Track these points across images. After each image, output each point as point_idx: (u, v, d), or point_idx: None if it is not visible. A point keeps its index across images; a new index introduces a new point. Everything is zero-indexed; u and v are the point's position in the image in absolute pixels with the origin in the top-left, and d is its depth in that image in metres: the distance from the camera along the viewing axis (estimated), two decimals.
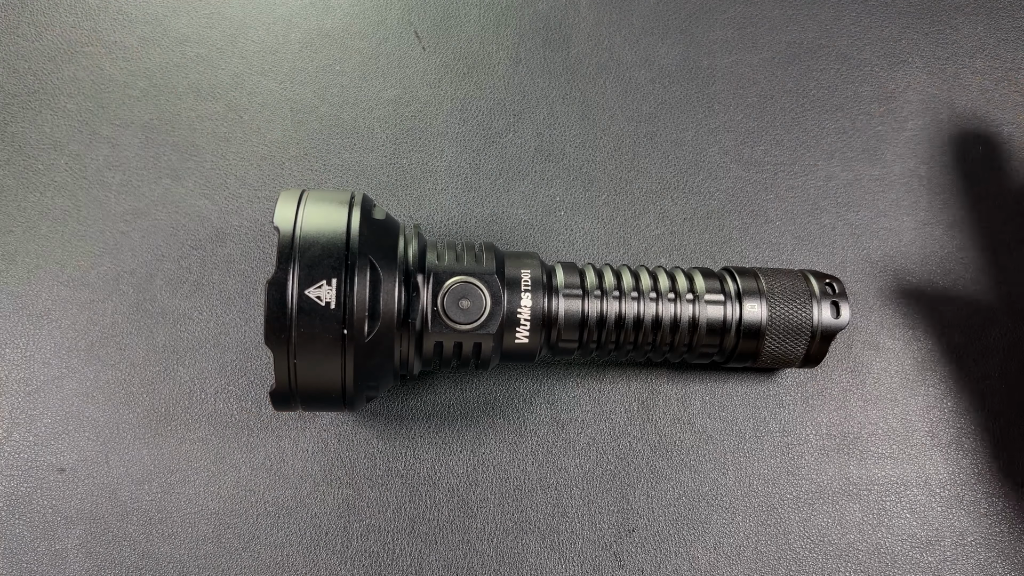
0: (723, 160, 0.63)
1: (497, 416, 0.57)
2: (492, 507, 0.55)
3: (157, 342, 0.57)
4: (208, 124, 0.61)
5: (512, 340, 0.49)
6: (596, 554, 0.55)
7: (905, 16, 0.67)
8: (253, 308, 0.58)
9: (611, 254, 0.60)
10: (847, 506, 0.56)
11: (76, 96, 0.61)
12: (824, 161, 0.63)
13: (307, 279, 0.44)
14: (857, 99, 0.65)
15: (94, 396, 0.55)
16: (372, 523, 0.54)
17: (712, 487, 0.56)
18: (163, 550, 0.53)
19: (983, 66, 0.66)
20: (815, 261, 0.61)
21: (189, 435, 0.55)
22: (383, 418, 0.56)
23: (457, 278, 0.47)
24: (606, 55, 0.65)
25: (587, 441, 0.57)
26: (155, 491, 0.54)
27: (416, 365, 0.49)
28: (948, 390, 0.59)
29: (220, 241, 0.59)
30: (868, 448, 0.57)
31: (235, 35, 0.64)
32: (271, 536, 0.54)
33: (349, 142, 0.62)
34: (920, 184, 0.63)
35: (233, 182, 0.60)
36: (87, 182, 0.59)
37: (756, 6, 0.67)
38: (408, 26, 0.65)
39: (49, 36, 0.63)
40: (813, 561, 0.55)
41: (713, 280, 0.53)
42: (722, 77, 0.65)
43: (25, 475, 0.54)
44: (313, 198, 0.48)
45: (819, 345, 0.53)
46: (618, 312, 0.51)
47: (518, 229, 0.61)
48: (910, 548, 0.56)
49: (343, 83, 0.63)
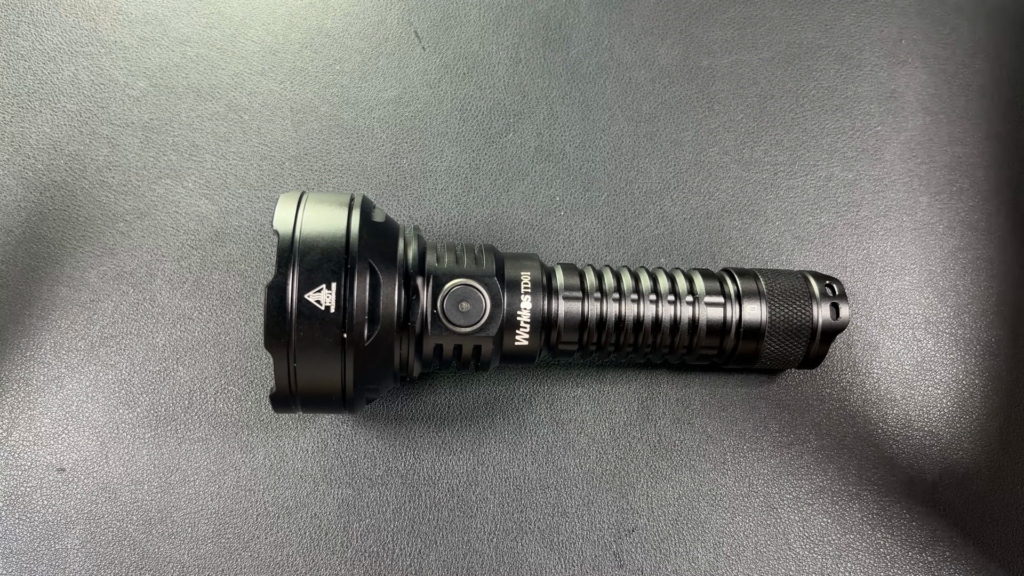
0: (723, 160, 0.63)
1: (497, 416, 0.57)
2: (492, 507, 0.55)
3: (157, 342, 0.57)
4: (208, 124, 0.61)
5: (512, 342, 0.49)
6: (596, 554, 0.55)
7: (905, 16, 0.67)
8: (253, 308, 0.58)
9: (611, 254, 0.60)
10: (847, 506, 0.56)
11: (76, 96, 0.61)
12: (824, 161, 0.63)
13: (307, 283, 0.44)
14: (857, 99, 0.65)
15: (94, 396, 0.55)
16: (372, 523, 0.54)
17: (712, 487, 0.56)
18: (163, 550, 0.53)
19: (983, 66, 0.66)
20: (815, 261, 0.61)
21: (189, 435, 0.55)
22: (383, 419, 0.56)
23: (457, 281, 0.47)
24: (606, 55, 0.65)
25: (587, 441, 0.57)
26: (155, 491, 0.54)
27: (416, 367, 0.49)
28: (948, 390, 0.59)
29: (220, 241, 0.59)
30: (868, 448, 0.57)
31: (235, 35, 0.64)
32: (271, 536, 0.54)
33: (349, 142, 0.62)
34: (920, 184, 0.63)
35: (233, 182, 0.60)
36: (87, 182, 0.59)
37: (756, 6, 0.67)
38: (408, 26, 0.65)
39: (49, 36, 0.63)
40: (813, 561, 0.55)
41: (713, 281, 0.53)
42: (722, 77, 0.65)
43: (25, 475, 0.54)
44: (312, 200, 0.48)
45: (819, 346, 0.53)
46: (618, 314, 0.51)
47: (518, 229, 0.61)
48: (910, 548, 0.56)
49: (343, 83, 0.63)
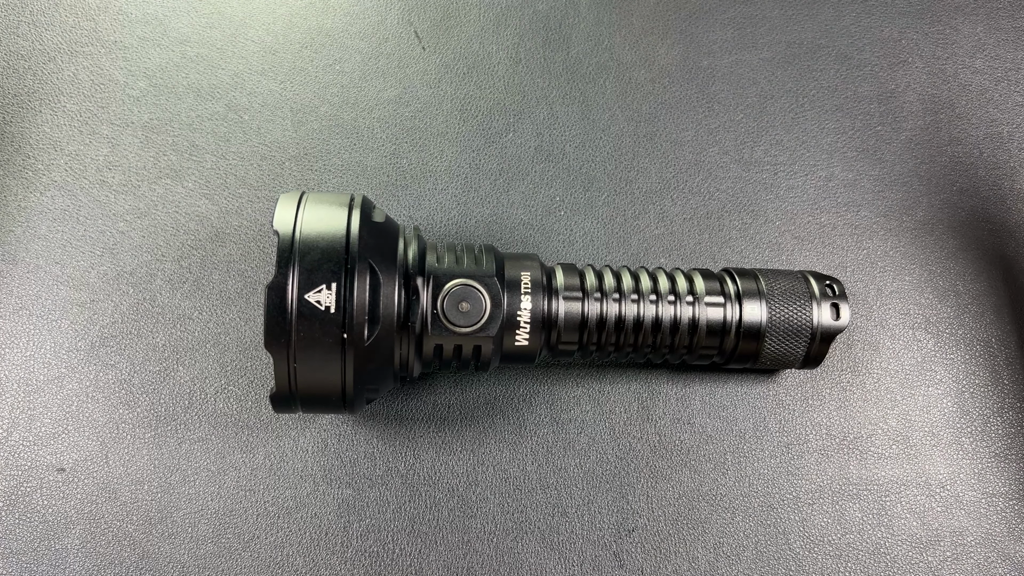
0: (723, 160, 0.63)
1: (497, 416, 0.57)
2: (492, 507, 0.55)
3: (157, 342, 0.57)
4: (208, 124, 0.61)
5: (512, 342, 0.49)
6: (596, 554, 0.55)
7: (905, 16, 0.67)
8: (253, 308, 0.58)
9: (611, 254, 0.60)
10: (847, 506, 0.56)
11: (76, 96, 0.61)
12: (824, 161, 0.63)
13: (307, 283, 0.44)
14: (857, 99, 0.65)
15: (94, 396, 0.55)
16: (372, 523, 0.54)
17: (712, 487, 0.56)
18: (163, 550, 0.53)
19: (983, 66, 0.66)
20: (815, 261, 0.61)
21: (189, 435, 0.55)
22: (383, 419, 0.56)
23: (457, 281, 0.47)
24: (606, 55, 0.65)
25: (587, 441, 0.57)
26: (155, 491, 0.54)
27: (416, 367, 0.49)
28: (948, 390, 0.59)
29: (220, 241, 0.59)
30: (868, 448, 0.57)
31: (235, 35, 0.64)
32: (271, 536, 0.54)
33: (349, 142, 0.62)
34: (920, 184, 0.63)
35: (233, 182, 0.60)
36: (87, 182, 0.59)
37: (756, 6, 0.67)
38: (408, 26, 0.65)
39: (49, 36, 0.63)
40: (813, 561, 0.55)
41: (713, 281, 0.53)
42: (722, 77, 0.65)
43: (25, 475, 0.54)
44: (312, 201, 0.48)
45: (819, 346, 0.53)
46: (618, 314, 0.51)
47: (518, 229, 0.61)
48: (910, 548, 0.56)
49: (343, 83, 0.63)
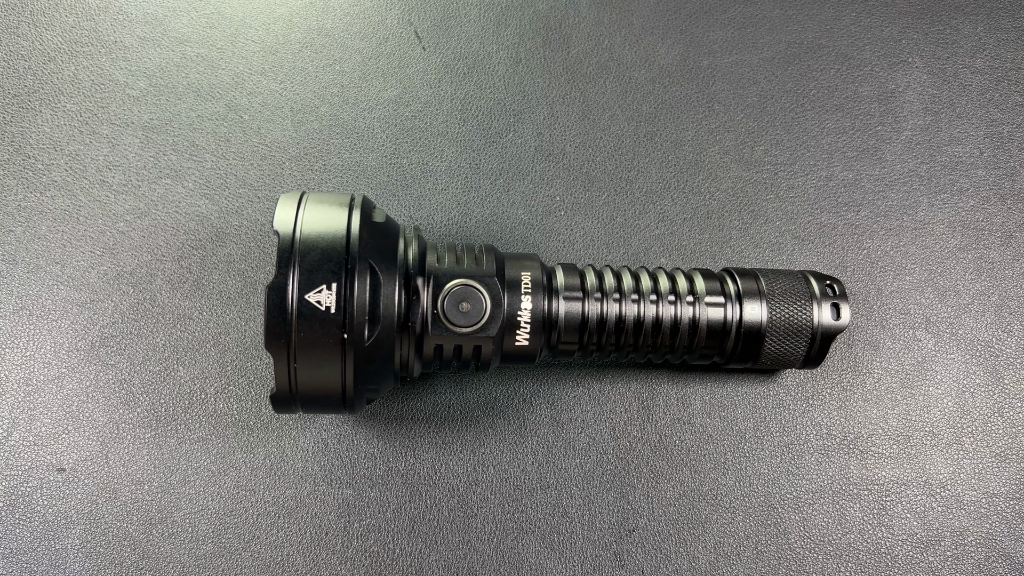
0: (723, 160, 0.63)
1: (497, 416, 0.57)
2: (492, 507, 0.55)
3: (157, 342, 0.57)
4: (208, 124, 0.61)
5: (512, 342, 0.49)
6: (596, 554, 0.55)
7: (905, 16, 0.67)
8: (253, 308, 0.58)
9: (611, 254, 0.60)
10: (847, 506, 0.56)
11: (76, 96, 0.61)
12: (824, 161, 0.63)
13: (307, 283, 0.44)
14: (857, 99, 0.65)
15: (94, 396, 0.55)
16: (372, 523, 0.54)
17: (712, 487, 0.56)
18: (163, 550, 0.53)
19: (983, 66, 0.66)
20: (815, 261, 0.61)
21: (189, 435, 0.55)
22: (383, 419, 0.56)
23: (457, 281, 0.47)
24: (606, 55, 0.65)
25: (587, 441, 0.57)
26: (155, 491, 0.54)
27: (416, 367, 0.49)
28: (948, 390, 0.59)
29: (220, 241, 0.59)
30: (868, 448, 0.57)
31: (235, 35, 0.64)
32: (271, 536, 0.54)
33: (349, 142, 0.62)
34: (920, 184, 0.63)
35: (233, 182, 0.60)
36: (87, 182, 0.59)
37: (756, 6, 0.67)
38: (408, 26, 0.65)
39: (49, 36, 0.63)
40: (813, 561, 0.55)
41: (713, 281, 0.53)
42: (722, 77, 0.65)
43: (25, 475, 0.54)
44: (312, 201, 0.48)
45: (819, 346, 0.53)
46: (618, 314, 0.51)
47: (518, 229, 0.61)
48: (910, 548, 0.56)
49: (343, 83, 0.63)
